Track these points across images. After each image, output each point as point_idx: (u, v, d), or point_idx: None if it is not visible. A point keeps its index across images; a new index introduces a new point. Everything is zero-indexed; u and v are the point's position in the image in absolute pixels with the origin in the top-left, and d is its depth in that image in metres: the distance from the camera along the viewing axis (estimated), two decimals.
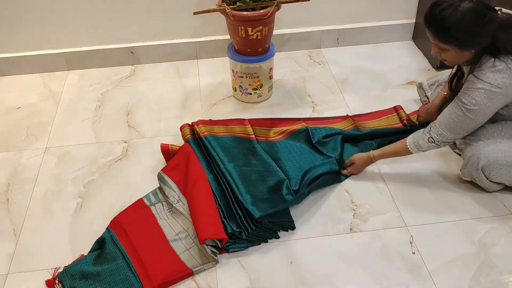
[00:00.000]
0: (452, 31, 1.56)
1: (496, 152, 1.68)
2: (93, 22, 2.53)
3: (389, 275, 1.57)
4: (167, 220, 1.74)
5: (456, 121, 1.67)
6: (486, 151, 1.69)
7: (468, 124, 1.67)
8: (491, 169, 1.70)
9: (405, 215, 1.76)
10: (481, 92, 1.59)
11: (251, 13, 2.06)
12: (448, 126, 1.69)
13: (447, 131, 1.69)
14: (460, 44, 1.60)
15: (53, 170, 2.01)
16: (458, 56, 1.64)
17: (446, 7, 1.55)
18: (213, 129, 2.03)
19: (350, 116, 2.18)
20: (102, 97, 2.44)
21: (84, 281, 1.55)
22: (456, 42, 1.59)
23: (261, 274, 1.59)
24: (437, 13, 1.57)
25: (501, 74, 1.57)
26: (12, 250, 1.69)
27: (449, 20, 1.54)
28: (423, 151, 1.77)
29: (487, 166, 1.70)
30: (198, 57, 2.69)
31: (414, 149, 1.77)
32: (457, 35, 1.57)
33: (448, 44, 1.61)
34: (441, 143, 1.73)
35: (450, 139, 1.72)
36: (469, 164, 1.74)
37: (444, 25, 1.56)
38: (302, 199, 1.80)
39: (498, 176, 1.72)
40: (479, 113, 1.63)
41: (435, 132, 1.72)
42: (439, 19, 1.57)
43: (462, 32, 1.56)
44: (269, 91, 2.38)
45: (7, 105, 2.40)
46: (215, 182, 1.82)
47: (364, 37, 2.74)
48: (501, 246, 1.64)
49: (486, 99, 1.60)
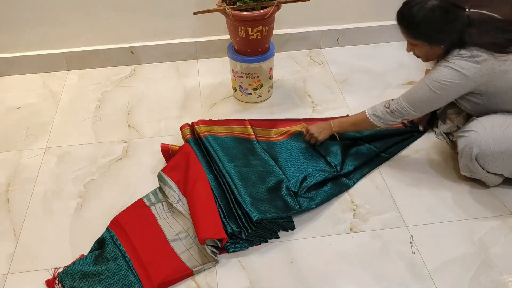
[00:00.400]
0: (420, 27, 1.68)
1: (488, 140, 1.68)
2: (93, 22, 2.53)
3: (389, 275, 1.57)
4: (167, 220, 1.74)
5: (416, 91, 1.75)
6: (477, 139, 1.70)
7: (427, 97, 1.73)
8: (485, 158, 1.70)
9: (405, 215, 1.76)
10: (445, 68, 1.68)
11: (251, 13, 2.06)
12: (407, 95, 1.77)
13: (405, 100, 1.77)
14: (429, 40, 1.71)
15: (53, 170, 2.01)
16: (429, 51, 1.75)
17: (414, 4, 1.68)
18: (213, 129, 2.03)
19: None
20: (102, 97, 2.44)
21: (84, 281, 1.55)
22: (424, 38, 1.71)
23: (261, 274, 1.59)
24: (406, 10, 1.71)
25: (466, 59, 1.66)
26: (12, 250, 1.69)
27: (417, 17, 1.67)
28: (379, 118, 1.82)
29: (480, 154, 1.70)
30: (198, 57, 2.69)
31: (370, 113, 1.84)
32: (425, 30, 1.69)
33: (417, 40, 1.73)
34: (396, 112, 1.78)
35: (405, 110, 1.77)
36: (463, 155, 1.75)
37: (413, 21, 1.69)
38: (307, 211, 1.78)
39: (493, 165, 1.72)
40: (440, 87, 1.69)
41: (395, 101, 1.80)
42: (408, 16, 1.70)
43: (429, 27, 1.68)
44: (269, 91, 2.38)
45: (7, 105, 2.40)
46: (215, 182, 1.82)
47: (364, 37, 2.74)
48: (501, 246, 1.64)
49: (449, 75, 1.67)
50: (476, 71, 1.65)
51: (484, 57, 1.64)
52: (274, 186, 1.81)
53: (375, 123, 1.84)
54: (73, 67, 2.64)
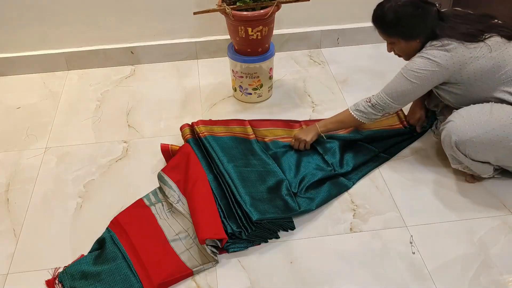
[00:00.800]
0: (394, 24, 1.76)
1: (464, 126, 1.70)
2: (93, 22, 2.53)
3: (389, 275, 1.57)
4: (167, 220, 1.74)
5: (394, 83, 1.80)
6: (454, 127, 1.72)
7: (404, 88, 1.77)
8: (464, 144, 1.70)
9: (405, 215, 1.76)
10: (419, 58, 1.75)
11: (251, 13, 2.06)
12: (386, 88, 1.82)
13: (384, 93, 1.81)
14: (403, 36, 1.79)
15: (53, 170, 2.01)
16: (406, 48, 1.82)
17: (385, 4, 1.77)
18: (213, 129, 2.03)
19: None
20: (102, 97, 2.44)
21: (84, 281, 1.55)
22: (399, 34, 1.79)
23: (261, 274, 1.59)
24: (379, 11, 1.79)
25: (437, 48, 1.73)
26: (12, 250, 1.69)
27: (390, 14, 1.75)
28: (362, 113, 1.86)
29: (459, 141, 1.70)
30: (198, 57, 2.69)
31: (353, 109, 1.88)
32: (398, 27, 1.77)
33: (393, 37, 1.81)
34: (377, 105, 1.83)
35: (386, 103, 1.81)
36: (445, 145, 1.78)
37: (385, 20, 1.77)
38: (306, 213, 1.78)
39: (474, 151, 1.71)
40: (415, 75, 1.75)
41: (375, 95, 1.84)
42: (381, 16, 1.78)
43: (402, 23, 1.75)
44: (269, 91, 2.38)
45: (7, 105, 2.40)
46: (215, 182, 1.81)
47: (364, 37, 2.74)
48: (501, 246, 1.64)
49: (423, 63, 1.74)
50: (447, 58, 1.71)
51: (454, 45, 1.71)
52: (274, 186, 1.81)
53: (358, 118, 1.87)
54: (73, 67, 2.64)
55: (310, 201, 1.78)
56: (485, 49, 1.70)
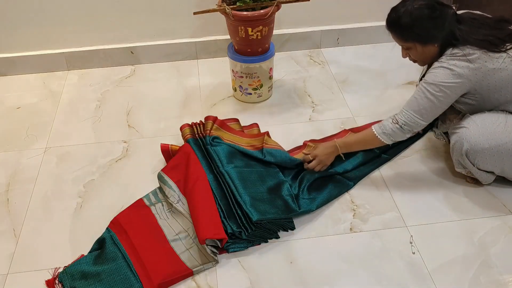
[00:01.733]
0: (410, 28, 1.69)
1: (478, 136, 1.69)
2: (93, 22, 2.53)
3: (389, 275, 1.57)
4: (167, 220, 1.74)
5: (418, 99, 1.72)
6: (468, 135, 1.70)
7: (430, 102, 1.70)
8: (474, 154, 1.70)
9: (405, 215, 1.76)
10: (440, 69, 1.68)
11: (251, 13, 2.06)
12: (411, 105, 1.73)
13: (410, 110, 1.72)
14: (421, 39, 1.71)
15: (53, 170, 2.01)
16: (423, 52, 1.75)
17: (400, 7, 1.70)
18: (223, 136, 2.00)
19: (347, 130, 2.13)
20: (102, 97, 2.44)
21: (84, 281, 1.55)
22: (416, 38, 1.72)
23: (261, 274, 1.59)
24: (393, 15, 1.73)
25: (459, 58, 1.66)
26: (12, 250, 1.69)
27: (405, 19, 1.68)
28: (389, 136, 1.76)
29: (470, 150, 1.70)
30: (198, 57, 2.69)
31: (379, 132, 1.77)
32: (415, 30, 1.70)
33: (410, 42, 1.74)
34: (405, 125, 1.73)
35: (414, 121, 1.72)
36: (454, 151, 1.76)
37: (401, 24, 1.70)
38: (306, 213, 1.78)
39: (483, 162, 1.71)
40: (439, 89, 1.68)
41: (399, 114, 1.75)
42: (396, 19, 1.71)
43: (419, 26, 1.68)
44: (269, 91, 2.38)
45: (7, 105, 2.40)
46: (215, 182, 1.81)
47: (364, 37, 2.74)
48: (501, 246, 1.64)
49: (445, 75, 1.67)
50: (470, 70, 1.65)
51: (477, 55, 1.65)
52: (274, 187, 1.81)
53: (384, 141, 1.78)
54: (73, 67, 2.64)
55: (310, 201, 1.78)
56: (508, 60, 1.66)
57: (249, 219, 1.66)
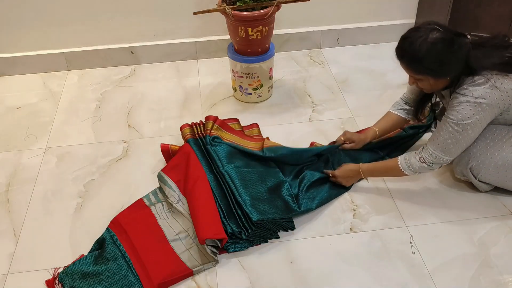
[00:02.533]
0: (424, 62, 1.56)
1: (486, 154, 1.69)
2: (93, 22, 2.53)
3: (389, 275, 1.57)
4: (167, 220, 1.74)
5: (446, 139, 1.64)
6: (475, 151, 1.70)
7: (459, 141, 1.63)
8: (479, 169, 1.71)
9: (405, 215, 1.76)
10: (467, 106, 1.58)
11: (251, 13, 2.06)
12: (439, 145, 1.66)
13: (438, 151, 1.66)
14: (434, 74, 1.60)
15: (53, 170, 2.01)
16: (434, 84, 1.64)
17: (416, 39, 1.55)
18: (224, 136, 2.01)
19: None
20: (102, 97, 2.44)
21: (84, 281, 1.55)
22: (429, 72, 1.60)
23: (261, 274, 1.59)
24: (407, 46, 1.58)
25: (482, 86, 1.57)
26: (12, 250, 1.69)
27: (420, 52, 1.54)
28: (415, 171, 1.72)
29: (476, 166, 1.71)
30: (198, 57, 2.69)
31: (405, 167, 1.72)
32: (430, 65, 1.57)
33: (422, 74, 1.62)
34: (433, 164, 1.68)
35: (443, 159, 1.67)
36: (460, 163, 1.76)
37: (415, 57, 1.56)
38: (306, 213, 1.78)
39: (486, 176, 1.73)
40: (469, 127, 1.60)
41: (426, 153, 1.68)
42: (410, 51, 1.57)
43: (434, 62, 1.56)
44: (269, 91, 2.38)
45: (7, 105, 2.40)
46: (215, 182, 1.81)
47: (364, 37, 2.74)
48: (501, 246, 1.64)
49: (473, 111, 1.58)
50: (497, 97, 1.57)
51: (500, 80, 1.57)
52: (274, 187, 1.81)
53: (409, 174, 1.74)
54: (73, 67, 2.64)
55: (310, 200, 1.78)
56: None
57: (249, 219, 1.66)
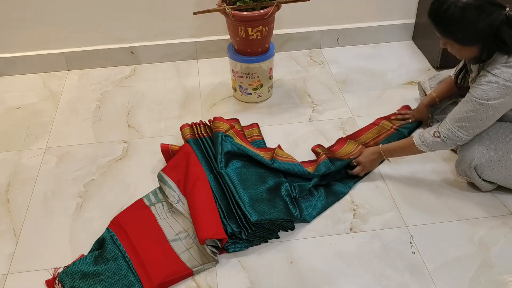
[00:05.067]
0: (450, 25, 1.57)
1: (490, 152, 1.68)
2: (93, 22, 2.53)
3: (389, 275, 1.57)
4: (167, 220, 1.74)
5: (466, 116, 1.63)
6: (480, 150, 1.69)
7: (478, 120, 1.62)
8: (483, 168, 1.70)
9: (405, 215, 1.76)
10: (494, 87, 1.56)
11: (251, 13, 2.06)
12: (457, 120, 1.65)
13: (456, 126, 1.66)
14: (459, 39, 1.60)
15: (53, 170, 2.01)
16: (459, 51, 1.64)
17: (446, 1, 1.56)
18: (235, 139, 1.99)
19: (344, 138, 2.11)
20: (102, 97, 2.44)
21: (84, 281, 1.55)
22: (454, 37, 1.60)
23: (261, 274, 1.59)
24: (437, 6, 1.58)
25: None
26: (12, 250, 1.69)
27: (447, 14, 1.55)
28: (429, 147, 1.72)
29: (480, 165, 1.70)
30: (198, 57, 2.69)
31: (420, 143, 1.73)
32: (455, 29, 1.57)
33: (447, 38, 1.62)
34: (448, 139, 1.68)
35: (458, 137, 1.67)
36: (463, 162, 1.75)
37: (442, 18, 1.57)
38: (303, 222, 1.76)
39: (490, 175, 1.72)
40: (491, 108, 1.59)
41: (443, 127, 1.68)
42: (437, 12, 1.58)
43: (460, 26, 1.56)
44: (269, 91, 2.38)
45: (7, 105, 2.40)
46: (215, 182, 1.81)
47: (364, 37, 2.74)
48: (501, 246, 1.64)
49: (500, 93, 1.56)
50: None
51: None
52: (274, 187, 1.81)
53: (425, 151, 1.75)
54: (73, 67, 2.64)
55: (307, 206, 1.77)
56: None
57: (248, 219, 1.66)
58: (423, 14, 2.62)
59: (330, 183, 1.89)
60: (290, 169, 1.88)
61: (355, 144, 2.04)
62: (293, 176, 1.89)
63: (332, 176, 1.91)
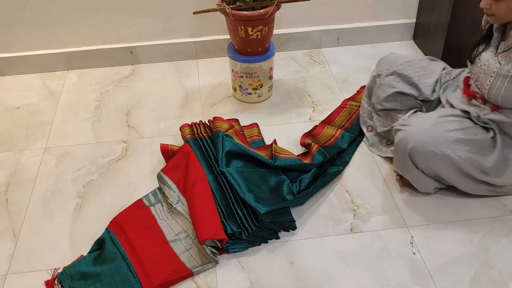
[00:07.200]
0: None
1: (423, 135, 1.62)
2: (93, 22, 2.52)
3: (389, 275, 1.57)
4: (166, 221, 1.74)
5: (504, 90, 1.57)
6: (414, 133, 1.63)
7: None
8: (418, 154, 1.63)
9: (406, 216, 1.76)
10: None
11: (251, 12, 2.05)
12: None
13: None
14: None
15: (52, 170, 2.01)
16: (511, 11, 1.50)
17: None
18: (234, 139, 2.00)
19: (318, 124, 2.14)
20: (102, 97, 2.44)
21: (84, 282, 1.55)
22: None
23: (261, 275, 1.58)
24: None
25: None
26: (12, 250, 1.69)
27: None
28: None
29: (413, 149, 1.63)
30: (198, 57, 2.69)
31: None
32: None
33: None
34: None
35: None
36: (397, 149, 1.69)
37: None
38: (307, 199, 1.79)
39: (425, 164, 1.65)
40: None
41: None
42: None
43: None
44: (269, 91, 2.37)
45: (6, 105, 2.40)
46: (215, 183, 1.81)
47: (364, 37, 2.74)
48: (501, 246, 1.64)
49: None
50: None
51: None
52: (275, 186, 1.81)
53: None
54: (72, 67, 2.64)
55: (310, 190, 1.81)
56: None
57: (250, 218, 1.66)
58: (423, 13, 2.61)
59: (325, 170, 1.91)
60: (291, 164, 1.89)
61: (334, 128, 2.10)
62: (293, 171, 1.90)
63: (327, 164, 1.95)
